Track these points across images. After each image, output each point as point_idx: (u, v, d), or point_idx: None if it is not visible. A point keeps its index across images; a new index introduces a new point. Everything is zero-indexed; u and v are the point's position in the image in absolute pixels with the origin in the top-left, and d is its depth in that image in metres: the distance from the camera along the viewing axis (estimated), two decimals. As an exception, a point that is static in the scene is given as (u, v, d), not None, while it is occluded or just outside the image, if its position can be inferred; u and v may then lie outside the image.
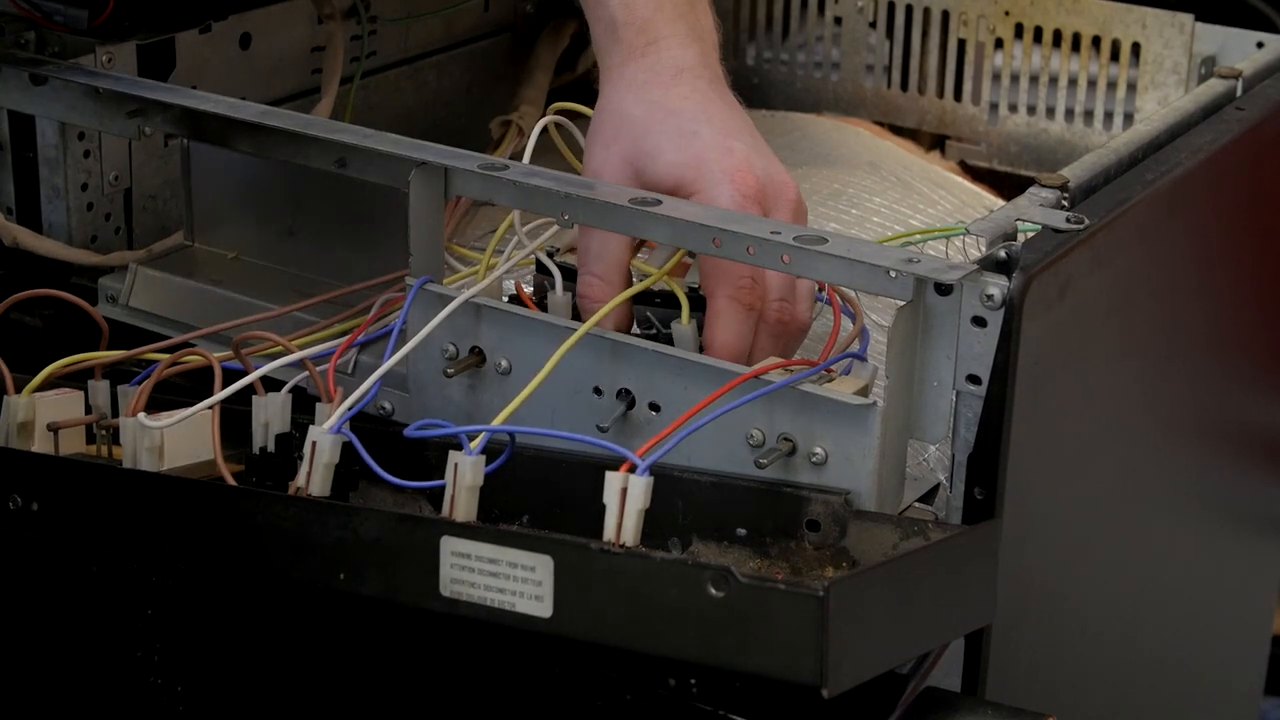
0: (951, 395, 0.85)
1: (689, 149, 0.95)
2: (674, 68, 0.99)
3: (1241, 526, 1.29)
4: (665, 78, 0.99)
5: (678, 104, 0.97)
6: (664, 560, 0.75)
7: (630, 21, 1.00)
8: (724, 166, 0.94)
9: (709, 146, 0.95)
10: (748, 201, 0.93)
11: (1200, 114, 1.06)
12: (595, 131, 0.99)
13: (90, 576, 0.91)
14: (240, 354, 0.92)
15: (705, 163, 0.94)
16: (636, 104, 0.98)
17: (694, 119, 0.97)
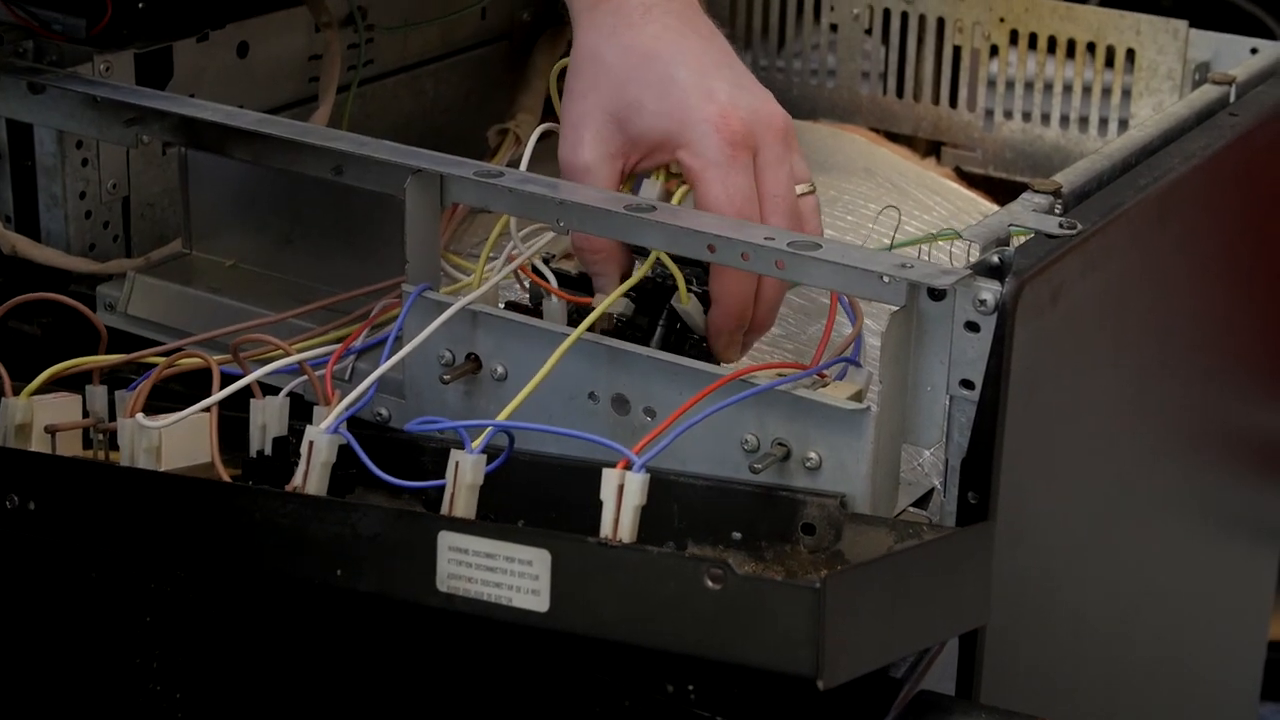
0: (945, 400, 0.86)
1: (669, 97, 0.95)
2: (642, 4, 0.98)
3: (1237, 531, 1.30)
4: (635, 16, 0.97)
5: (650, 45, 0.97)
6: (661, 554, 0.76)
7: None
8: (707, 115, 0.94)
9: (689, 91, 0.95)
10: (736, 149, 0.94)
11: (1194, 120, 1.06)
12: (572, 79, 0.98)
13: (89, 583, 0.91)
14: (238, 357, 0.93)
15: (688, 111, 0.94)
16: (610, 49, 0.97)
17: (670, 60, 0.96)
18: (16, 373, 0.94)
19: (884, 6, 1.35)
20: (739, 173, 0.94)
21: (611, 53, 0.97)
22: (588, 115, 0.97)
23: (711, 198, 0.94)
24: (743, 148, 0.94)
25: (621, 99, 0.96)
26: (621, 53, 0.97)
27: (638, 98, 0.96)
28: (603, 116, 0.96)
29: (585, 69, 0.98)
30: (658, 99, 0.95)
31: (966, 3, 1.31)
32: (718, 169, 0.94)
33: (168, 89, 1.14)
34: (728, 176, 0.94)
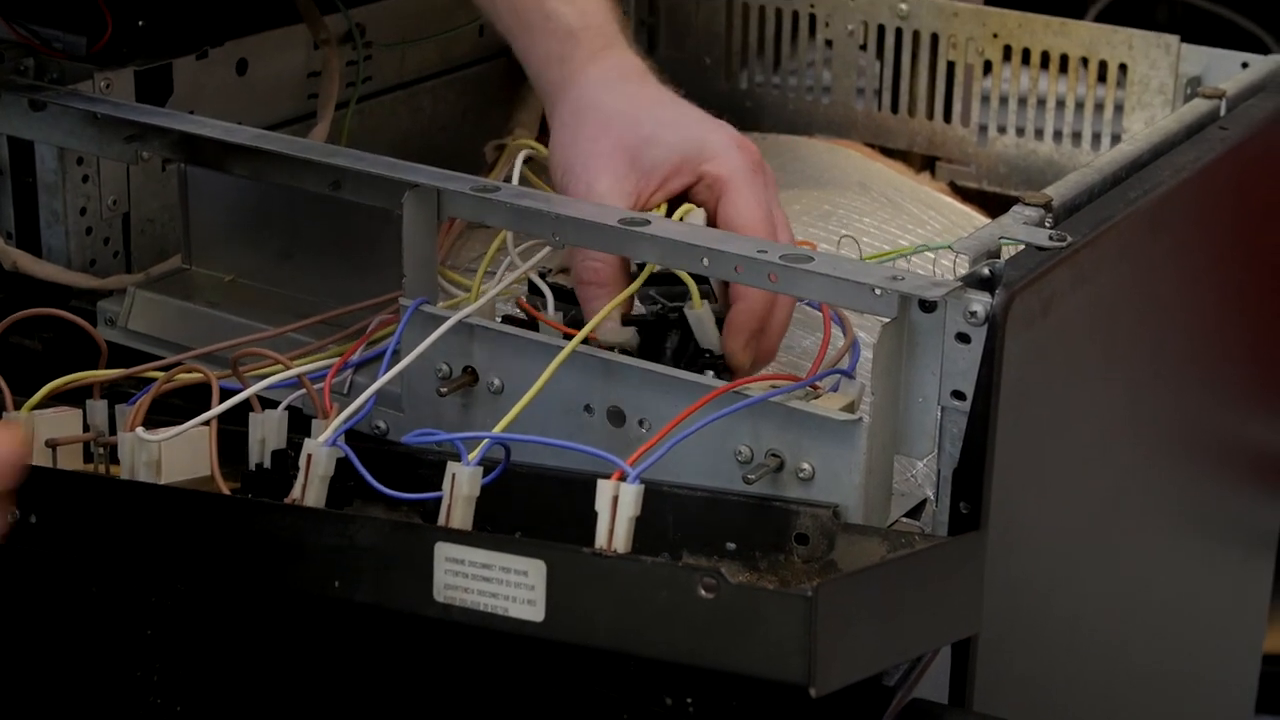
0: (936, 411, 0.86)
1: (685, 130, 1.01)
2: (635, 68, 1.05)
3: (1231, 542, 1.31)
4: (630, 74, 1.04)
5: (655, 95, 1.03)
6: (654, 563, 0.76)
7: (588, 25, 1.04)
8: (726, 137, 1.01)
9: (704, 126, 1.01)
10: (755, 168, 1.00)
11: (1184, 133, 1.07)
12: (578, 127, 1.02)
13: (90, 596, 0.92)
14: (238, 371, 0.93)
15: (707, 136, 1.00)
16: (616, 99, 1.02)
17: (676, 108, 1.03)
18: (18, 387, 0.95)
19: (878, 22, 1.36)
20: (763, 184, 1.00)
21: (619, 101, 1.02)
22: (600, 155, 1.00)
23: (744, 200, 0.98)
24: (760, 169, 1.00)
25: (636, 135, 1.00)
26: (629, 100, 1.02)
27: (653, 133, 1.00)
28: (617, 154, 1.00)
29: (592, 117, 1.02)
30: (673, 131, 1.00)
31: (960, 18, 1.32)
32: (747, 174, 0.99)
33: (167, 106, 1.15)
34: (755, 181, 0.99)
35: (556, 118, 1.04)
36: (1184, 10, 2.24)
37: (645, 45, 1.47)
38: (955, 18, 1.32)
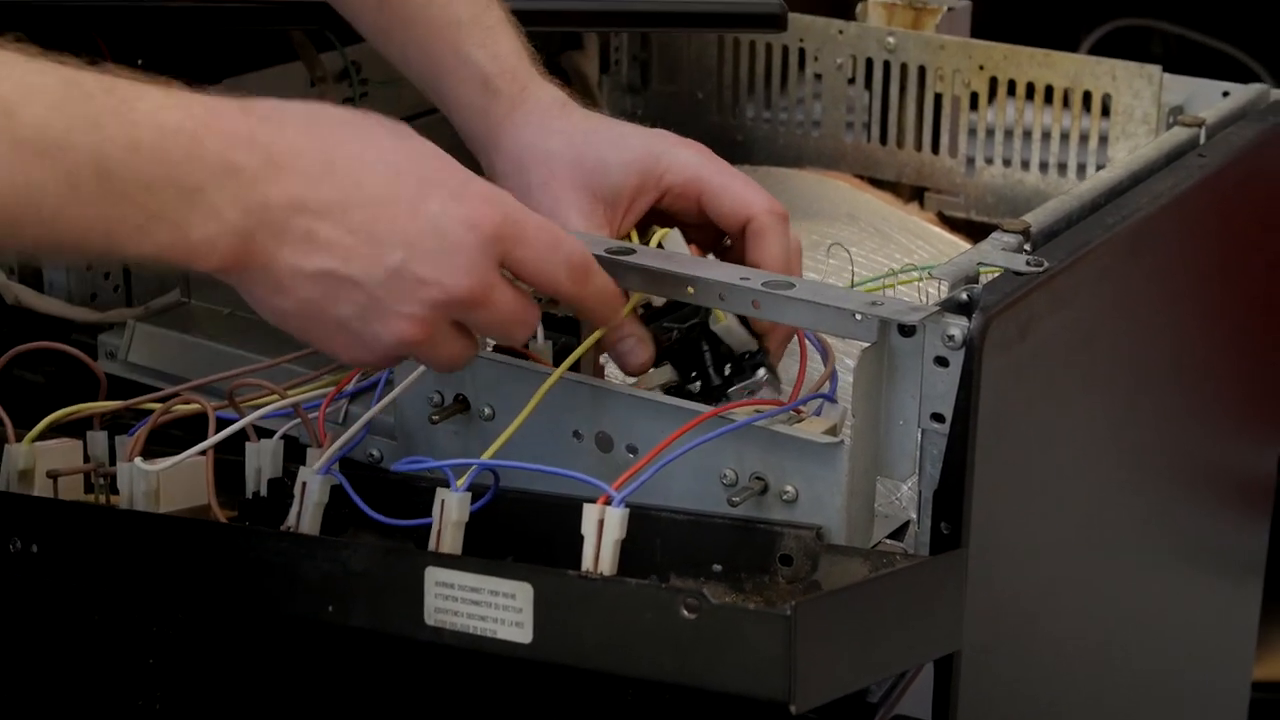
0: (917, 433, 0.88)
1: (629, 148, 1.00)
2: (556, 101, 1.03)
3: (1218, 568, 1.32)
4: (554, 110, 1.03)
5: (583, 124, 1.02)
6: (638, 585, 0.78)
7: (502, 72, 1.03)
8: (671, 143, 1.00)
9: (645, 139, 1.01)
10: (709, 156, 1.00)
11: (1163, 161, 1.09)
12: (523, 176, 1.01)
13: (92, 626, 0.94)
14: (234, 402, 0.95)
15: (652, 148, 1.00)
16: (550, 139, 1.01)
17: (610, 129, 1.02)
18: (21, 420, 0.97)
19: (866, 56, 1.38)
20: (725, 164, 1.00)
21: (551, 140, 1.01)
22: (559, 198, 1.00)
23: (724, 177, 0.99)
24: (712, 155, 1.01)
25: (583, 168, 1.00)
26: (562, 137, 1.01)
27: (598, 160, 1.00)
28: (575, 192, 1.00)
29: (532, 163, 1.01)
30: (618, 152, 1.00)
31: (947, 51, 1.34)
32: (711, 161, 1.00)
33: (166, 143, 1.17)
34: (720, 166, 1.00)
35: (497, 171, 1.03)
36: (1177, 43, 2.26)
37: (638, 80, 1.49)
38: (942, 50, 1.34)
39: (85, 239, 0.78)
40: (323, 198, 0.81)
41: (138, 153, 0.77)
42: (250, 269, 0.81)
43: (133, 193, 0.77)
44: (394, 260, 0.82)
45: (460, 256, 0.83)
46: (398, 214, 0.82)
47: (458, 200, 0.84)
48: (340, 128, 0.84)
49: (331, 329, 0.83)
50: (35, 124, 0.75)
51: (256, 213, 0.80)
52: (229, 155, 0.79)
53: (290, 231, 0.81)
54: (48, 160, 0.75)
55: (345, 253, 0.81)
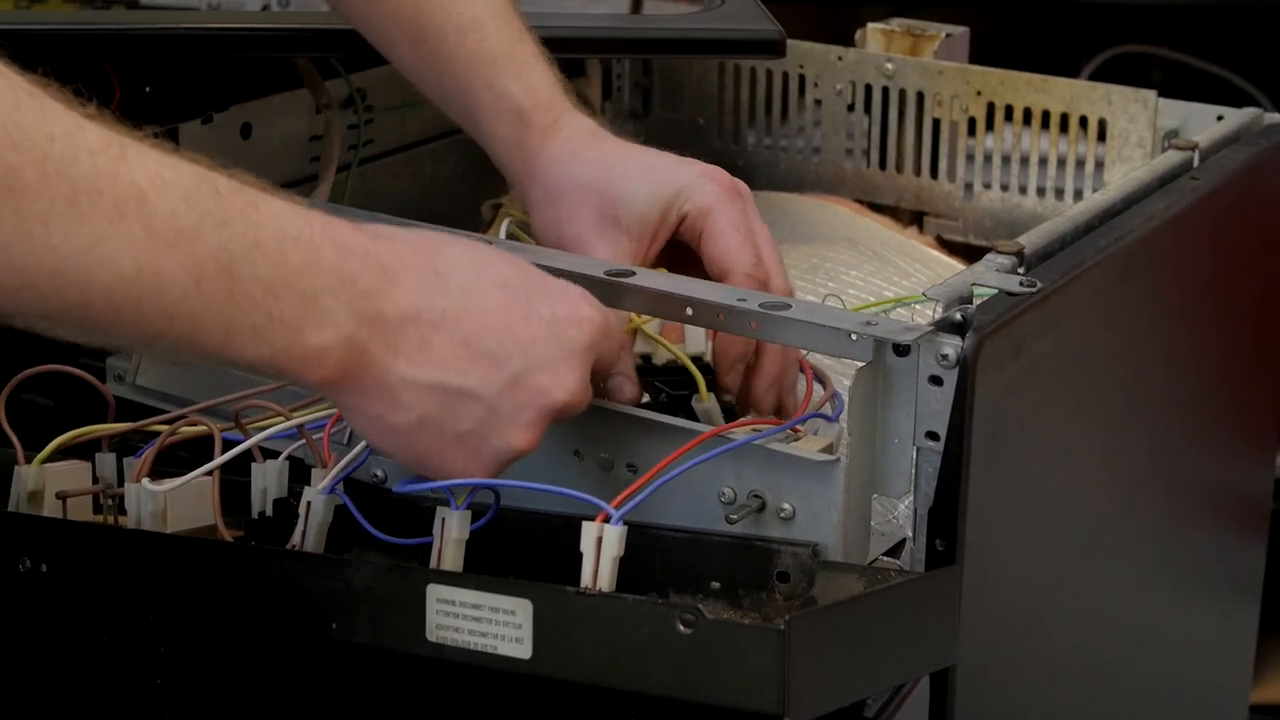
0: (912, 451, 0.89)
1: (655, 180, 1.02)
2: (589, 131, 1.05)
3: (1214, 588, 1.33)
4: (586, 140, 1.05)
5: (614, 154, 1.04)
6: (635, 601, 0.80)
7: (537, 104, 1.05)
8: (695, 173, 1.03)
9: (672, 169, 1.03)
10: (731, 194, 1.02)
11: (1156, 184, 1.10)
12: (554, 208, 1.04)
13: (101, 647, 0.95)
14: (240, 423, 0.97)
15: (677, 178, 1.02)
16: (581, 169, 1.03)
17: (638, 159, 1.04)
18: (31, 442, 0.98)
19: (865, 82, 1.39)
20: (740, 207, 1.02)
21: (584, 171, 1.03)
22: (587, 228, 1.02)
23: (726, 222, 1.01)
24: (735, 194, 1.03)
25: (610, 199, 1.02)
26: (594, 168, 1.03)
27: (625, 191, 1.02)
28: (601, 223, 1.02)
29: (564, 195, 1.03)
30: (644, 184, 1.02)
31: (945, 76, 1.36)
32: (726, 202, 1.02)
33: (173, 170, 1.18)
34: (732, 207, 1.01)
35: (530, 203, 1.06)
36: (1177, 69, 2.28)
37: (640, 106, 1.51)
38: (940, 76, 1.36)
39: (202, 335, 0.78)
40: (435, 307, 0.82)
41: (260, 254, 0.78)
42: (363, 381, 0.82)
43: (253, 292, 0.78)
44: (513, 369, 0.83)
45: (575, 361, 0.85)
46: (511, 322, 0.83)
47: (564, 305, 0.85)
48: (446, 245, 0.86)
49: (450, 445, 0.84)
50: (167, 214, 0.76)
51: (370, 323, 0.81)
52: (345, 265, 0.80)
53: (405, 342, 0.82)
54: (176, 251, 0.76)
55: (461, 364, 0.82)
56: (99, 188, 0.74)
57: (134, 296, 0.76)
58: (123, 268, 0.75)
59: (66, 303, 0.75)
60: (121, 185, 0.75)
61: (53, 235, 0.73)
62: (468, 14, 1.06)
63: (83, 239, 0.74)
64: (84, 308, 0.75)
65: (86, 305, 0.75)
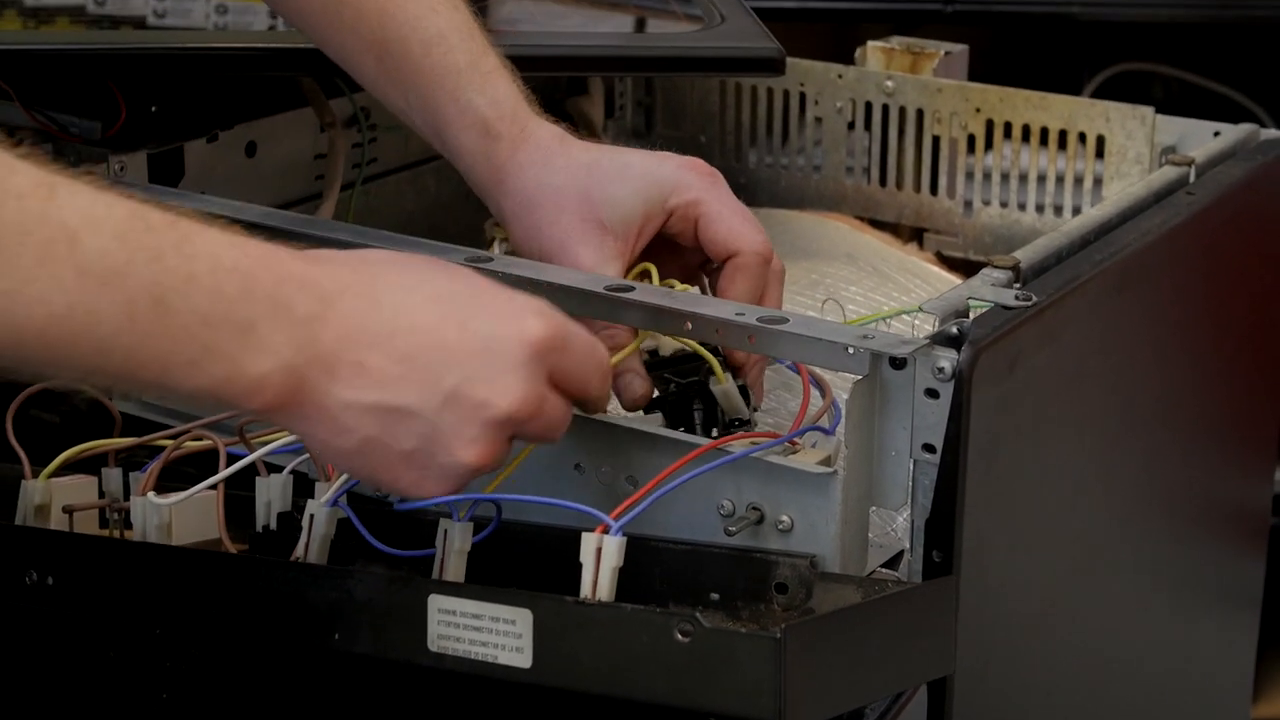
0: (909, 463, 0.90)
1: (634, 176, 1.03)
2: (554, 136, 1.05)
3: (1214, 603, 1.33)
4: (555, 146, 1.05)
5: (583, 157, 1.04)
6: (634, 610, 0.81)
7: (501, 116, 1.05)
8: (674, 166, 1.03)
9: (646, 161, 1.04)
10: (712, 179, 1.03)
11: (1151, 199, 1.11)
12: (531, 215, 1.04)
13: (107, 661, 0.96)
14: (244, 438, 0.98)
15: (656, 173, 1.02)
16: (554, 175, 1.04)
17: (612, 159, 1.04)
18: (38, 457, 0.99)
19: (865, 99, 1.40)
20: (725, 187, 1.03)
21: (557, 177, 1.03)
22: (569, 233, 1.02)
23: (721, 207, 1.02)
24: (715, 177, 1.04)
25: (591, 202, 1.02)
26: (566, 174, 1.03)
27: (606, 192, 1.02)
28: (584, 226, 1.02)
29: (538, 201, 1.03)
30: (625, 183, 1.02)
31: (944, 94, 1.37)
32: (713, 188, 1.03)
33: (179, 187, 1.19)
34: (722, 190, 1.03)
35: (505, 214, 1.05)
36: (1179, 87, 2.29)
37: (642, 124, 1.52)
38: (939, 93, 1.37)
39: (139, 370, 0.79)
40: (369, 329, 0.82)
41: (194, 286, 0.78)
42: (305, 407, 0.82)
43: (188, 325, 0.78)
44: (448, 384, 0.82)
45: (514, 374, 0.83)
46: (445, 338, 0.83)
47: (505, 317, 0.84)
48: (386, 264, 0.86)
49: (398, 464, 0.84)
50: (98, 252, 0.77)
51: (308, 349, 0.81)
52: (281, 293, 0.81)
53: (341, 365, 0.82)
54: (108, 289, 0.77)
55: (396, 382, 0.82)
56: (26, 229, 0.75)
57: (67, 334, 0.77)
58: (54, 307, 0.76)
59: (2, 341, 0.76)
60: (50, 226, 0.76)
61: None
62: (432, 28, 1.06)
63: (11, 281, 0.75)
64: (17, 346, 0.76)
65: (20, 344, 0.76)
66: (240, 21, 1.46)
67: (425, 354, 0.82)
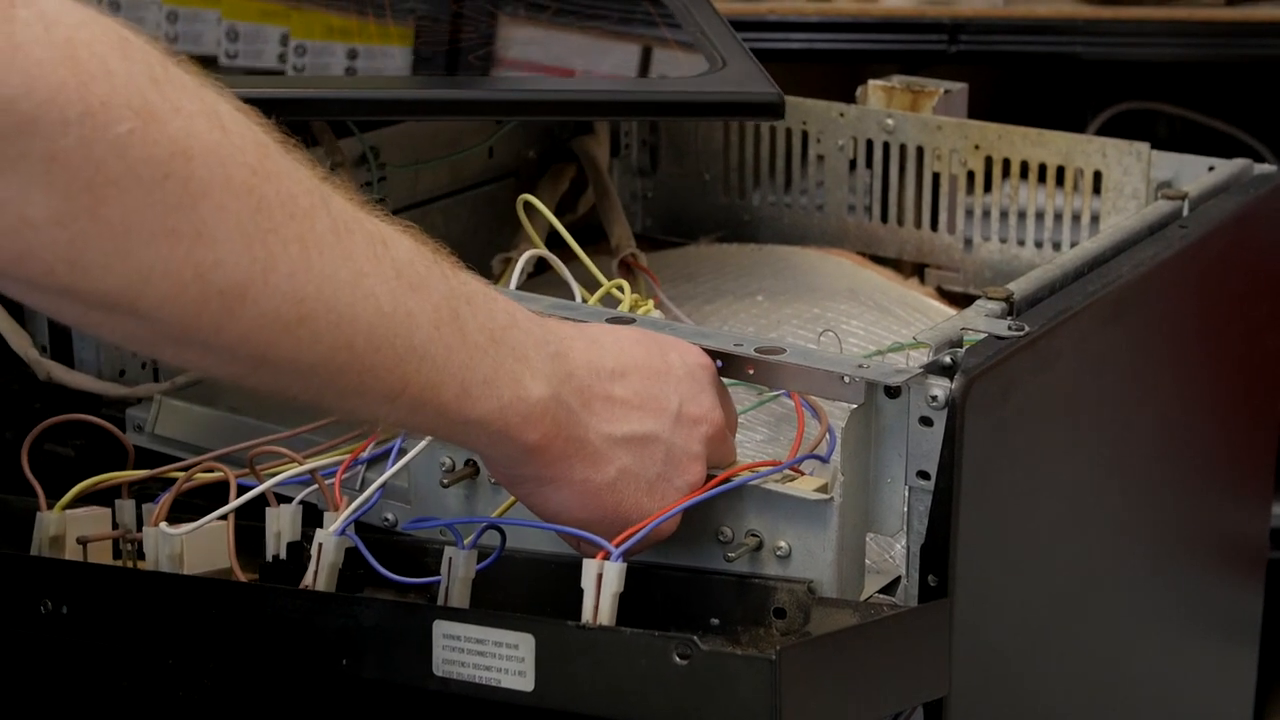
0: (904, 490, 0.92)
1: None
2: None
3: (1212, 634, 1.34)
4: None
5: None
6: (633, 634, 0.82)
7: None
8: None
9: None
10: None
11: (1145, 232, 1.13)
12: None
13: (121, 691, 0.98)
14: (255, 469, 1.00)
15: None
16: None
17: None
18: (52, 489, 1.01)
19: (867, 137, 1.42)
20: None
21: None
22: None
23: None
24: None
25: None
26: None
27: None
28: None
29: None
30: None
31: (943, 131, 1.39)
32: None
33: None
34: None
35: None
36: (1182, 125, 2.31)
37: (648, 163, 1.54)
38: (939, 131, 1.39)
39: (442, 388, 0.80)
40: (605, 367, 0.88)
41: (476, 307, 0.82)
42: (570, 443, 0.86)
43: (480, 343, 0.82)
44: (673, 408, 0.89)
45: (711, 393, 0.92)
46: (658, 369, 0.90)
47: (682, 350, 0.92)
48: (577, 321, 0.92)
49: (643, 494, 0.89)
50: (406, 260, 0.79)
51: (566, 381, 0.86)
52: (532, 326, 0.85)
53: (594, 399, 0.87)
54: (418, 294, 0.79)
55: (639, 411, 0.88)
56: (352, 227, 0.77)
57: (389, 335, 0.78)
58: (382, 303, 0.78)
59: (335, 342, 0.76)
60: (367, 227, 0.78)
61: (327, 265, 0.75)
62: None
63: (351, 271, 0.76)
64: (349, 348, 0.77)
65: (351, 344, 0.77)
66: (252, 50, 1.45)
67: (651, 385, 0.89)
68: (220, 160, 0.72)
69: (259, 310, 0.74)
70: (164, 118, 0.70)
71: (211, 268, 0.72)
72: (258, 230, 0.73)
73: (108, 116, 0.68)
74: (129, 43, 0.70)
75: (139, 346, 0.78)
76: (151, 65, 0.71)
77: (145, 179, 0.70)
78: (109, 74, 0.68)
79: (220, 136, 0.72)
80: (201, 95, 0.73)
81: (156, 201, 0.70)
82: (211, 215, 0.72)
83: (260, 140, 0.75)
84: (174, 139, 0.70)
